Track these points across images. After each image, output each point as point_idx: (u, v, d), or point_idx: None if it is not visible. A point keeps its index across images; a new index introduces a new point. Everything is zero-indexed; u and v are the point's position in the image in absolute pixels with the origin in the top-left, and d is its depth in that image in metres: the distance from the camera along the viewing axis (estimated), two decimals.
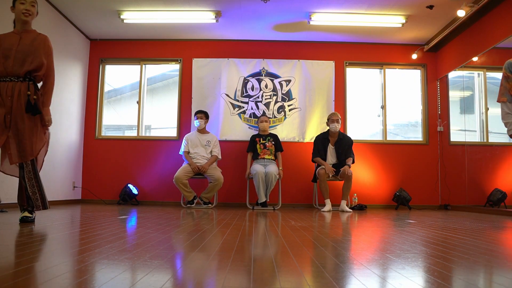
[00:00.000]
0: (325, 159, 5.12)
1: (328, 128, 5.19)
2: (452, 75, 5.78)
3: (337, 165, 5.07)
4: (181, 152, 5.30)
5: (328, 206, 4.83)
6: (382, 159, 5.85)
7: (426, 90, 6.03)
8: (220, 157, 5.32)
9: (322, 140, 5.19)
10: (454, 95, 5.87)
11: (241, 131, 5.83)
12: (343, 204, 4.87)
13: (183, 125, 5.88)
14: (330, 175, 4.92)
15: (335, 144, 5.14)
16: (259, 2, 4.85)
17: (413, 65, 6.09)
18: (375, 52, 6.06)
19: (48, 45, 2.85)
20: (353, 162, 5.11)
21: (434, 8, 4.87)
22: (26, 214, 2.78)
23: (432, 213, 4.83)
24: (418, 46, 6.02)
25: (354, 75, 6.16)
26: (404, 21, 5.22)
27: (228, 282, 1.17)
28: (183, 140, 5.32)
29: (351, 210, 4.88)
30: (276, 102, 5.90)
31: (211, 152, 5.25)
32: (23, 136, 2.70)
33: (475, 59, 5.13)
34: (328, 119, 5.20)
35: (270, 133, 5.45)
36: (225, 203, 5.69)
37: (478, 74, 5.50)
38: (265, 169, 5.11)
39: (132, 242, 1.93)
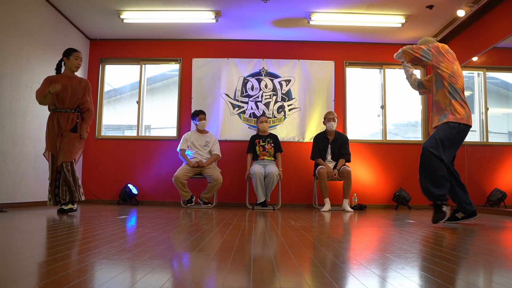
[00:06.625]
0: (325, 158, 5.13)
1: (325, 127, 5.20)
2: None
3: (334, 165, 5.08)
4: (178, 150, 5.29)
5: (327, 205, 4.83)
6: (382, 159, 5.85)
7: None
8: (220, 155, 5.32)
9: (322, 140, 5.19)
10: None
11: (241, 131, 5.83)
12: (345, 203, 4.86)
13: (183, 125, 5.87)
14: (335, 176, 4.93)
15: (332, 143, 5.15)
16: (259, 2, 4.85)
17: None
18: (375, 52, 6.06)
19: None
20: (348, 161, 5.11)
21: (434, 8, 4.87)
22: (70, 206, 3.54)
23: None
24: None
25: (354, 75, 6.16)
26: (404, 21, 5.22)
27: (228, 282, 1.17)
28: (182, 138, 5.31)
29: (352, 210, 4.87)
30: (276, 102, 5.90)
31: (210, 151, 5.25)
32: None
33: (474, 59, 5.13)
34: (324, 118, 5.21)
35: (270, 133, 5.44)
36: (225, 203, 5.68)
37: (478, 74, 5.49)
38: (265, 169, 5.11)
39: (132, 242, 1.93)
